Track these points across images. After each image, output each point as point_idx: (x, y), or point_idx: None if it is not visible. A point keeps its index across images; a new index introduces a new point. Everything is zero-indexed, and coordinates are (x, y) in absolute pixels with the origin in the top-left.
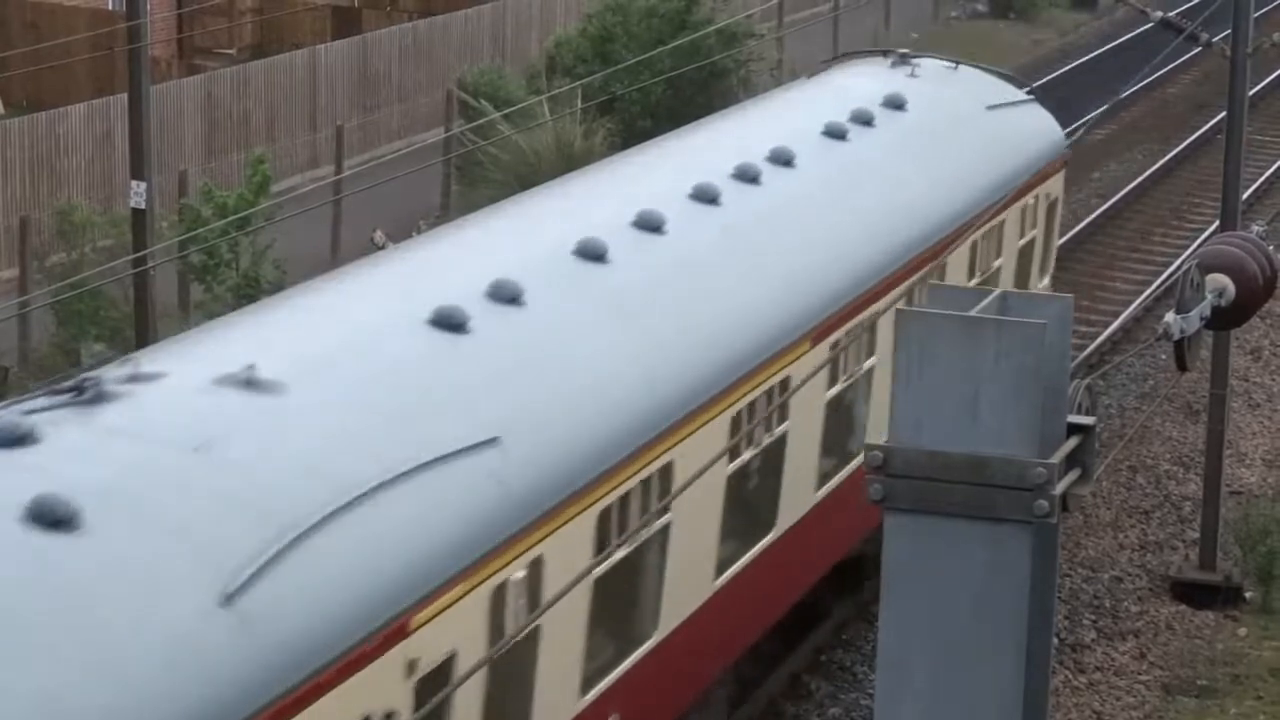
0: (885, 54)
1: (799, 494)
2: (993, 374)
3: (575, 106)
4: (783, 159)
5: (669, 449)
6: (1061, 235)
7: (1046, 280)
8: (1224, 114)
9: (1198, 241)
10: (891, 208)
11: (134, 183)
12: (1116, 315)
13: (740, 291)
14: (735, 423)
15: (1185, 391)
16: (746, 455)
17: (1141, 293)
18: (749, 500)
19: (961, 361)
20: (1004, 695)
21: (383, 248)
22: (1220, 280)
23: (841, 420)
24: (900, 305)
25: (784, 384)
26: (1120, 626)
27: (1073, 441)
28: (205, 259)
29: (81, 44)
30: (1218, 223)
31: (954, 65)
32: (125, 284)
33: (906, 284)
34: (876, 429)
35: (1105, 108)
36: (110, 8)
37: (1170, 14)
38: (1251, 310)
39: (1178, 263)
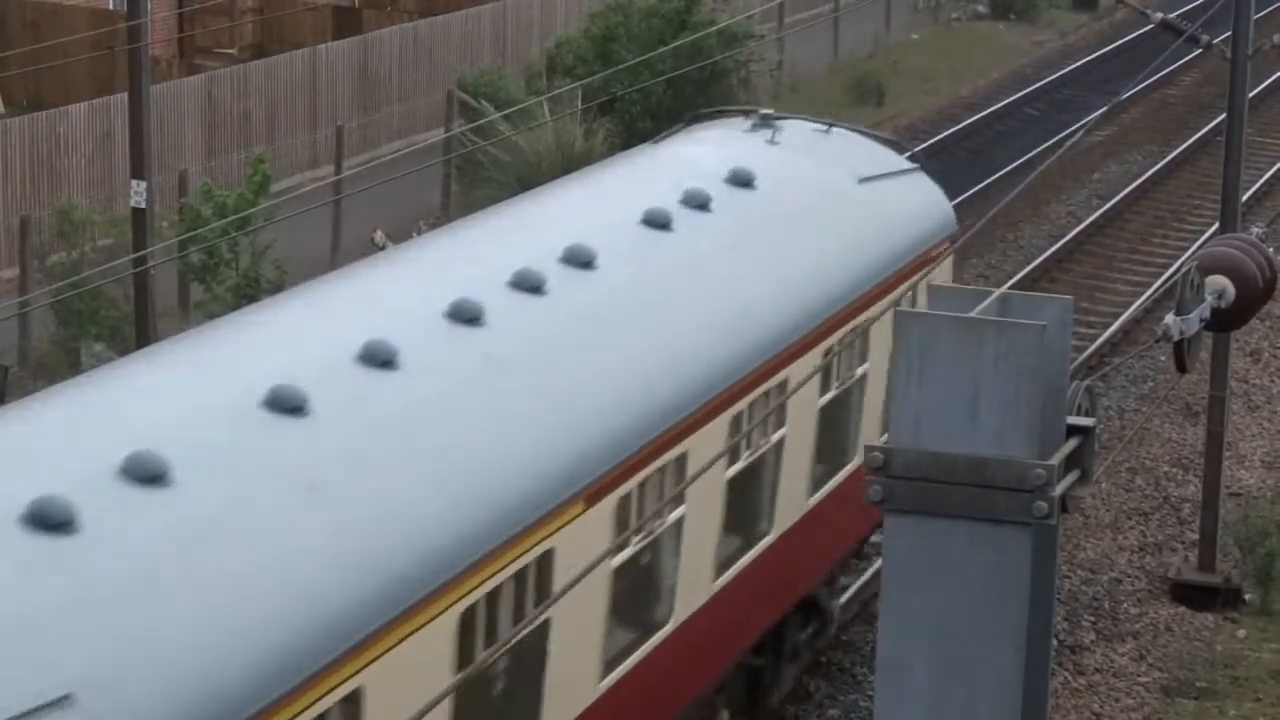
0: (748, 114)
1: (570, 698)
2: (993, 375)
3: (576, 107)
4: (580, 260)
5: (358, 672)
6: (1064, 238)
7: None
8: (1224, 116)
9: (1198, 243)
10: (716, 317)
11: (134, 182)
12: (1116, 317)
13: (492, 443)
14: (466, 622)
15: (1185, 393)
16: (487, 656)
17: (1141, 294)
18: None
19: (961, 363)
20: (1003, 696)
21: (383, 248)
22: (1220, 282)
23: (634, 592)
24: (717, 440)
25: (545, 559)
26: (1120, 628)
27: (1072, 443)
28: (205, 259)
29: (82, 43)
30: (1218, 224)
31: (826, 128)
32: (125, 283)
33: (729, 412)
34: (688, 594)
35: (1098, 114)
36: (110, 7)
37: (1170, 16)
38: (1251, 312)
39: (1177, 264)
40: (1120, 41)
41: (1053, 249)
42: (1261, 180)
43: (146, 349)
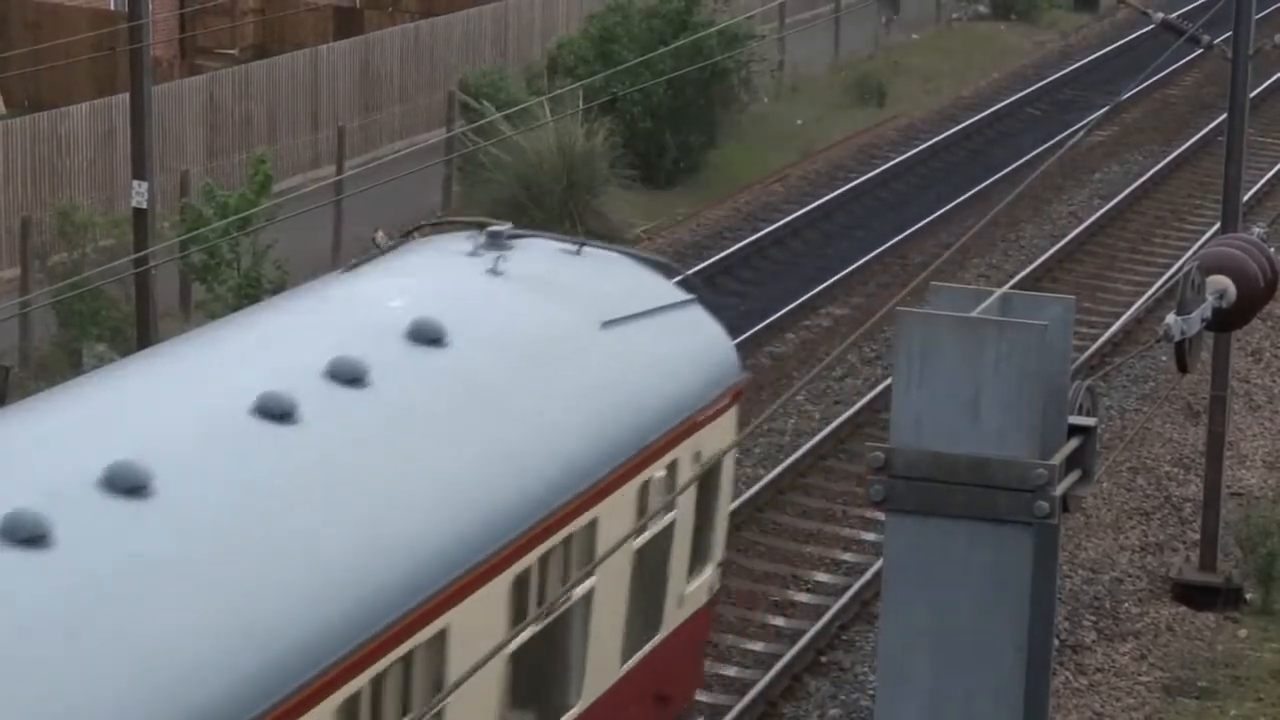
0: (479, 229)
1: None
2: (994, 375)
3: (577, 107)
4: (123, 484)
5: None
6: (1065, 237)
7: (708, 574)
8: (1225, 115)
9: (1199, 243)
10: (337, 556)
11: (135, 182)
12: (1117, 316)
13: None
14: None
15: (1186, 393)
16: None
17: (1142, 294)
18: None
19: (963, 362)
20: (1004, 696)
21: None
22: (1221, 282)
23: None
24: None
25: None
26: (1121, 628)
27: (1074, 443)
28: (206, 259)
29: (83, 44)
30: (1219, 224)
31: (575, 249)
32: (126, 284)
33: (347, 689)
34: None
35: (1097, 116)
36: (112, 7)
37: (1171, 16)
38: (1252, 312)
39: (1179, 264)
40: (1121, 42)
41: (1054, 249)
42: (1263, 180)
43: None
